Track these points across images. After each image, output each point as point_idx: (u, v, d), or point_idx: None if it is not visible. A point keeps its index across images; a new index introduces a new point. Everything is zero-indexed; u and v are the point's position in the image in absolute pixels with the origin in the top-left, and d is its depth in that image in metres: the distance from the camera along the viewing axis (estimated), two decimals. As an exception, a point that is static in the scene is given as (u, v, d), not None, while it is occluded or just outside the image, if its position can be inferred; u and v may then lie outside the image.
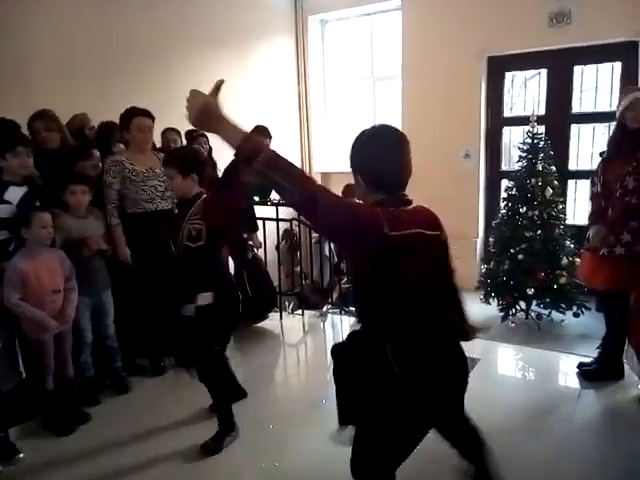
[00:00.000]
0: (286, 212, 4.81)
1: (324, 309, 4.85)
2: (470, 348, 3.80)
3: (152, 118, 3.40)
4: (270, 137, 4.40)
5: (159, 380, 3.45)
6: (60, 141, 3.31)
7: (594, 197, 3.27)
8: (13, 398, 2.77)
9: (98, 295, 3.15)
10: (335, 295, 5.11)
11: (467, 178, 5.90)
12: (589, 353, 3.50)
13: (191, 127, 4.57)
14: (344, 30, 7.06)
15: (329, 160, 7.14)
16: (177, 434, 2.82)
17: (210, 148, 4.28)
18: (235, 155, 1.47)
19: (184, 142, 4.15)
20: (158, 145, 3.99)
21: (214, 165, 4.27)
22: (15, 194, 2.81)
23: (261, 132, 4.32)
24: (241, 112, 5.85)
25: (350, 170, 1.70)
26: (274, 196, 4.67)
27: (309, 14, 6.87)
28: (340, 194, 4.55)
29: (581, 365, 3.39)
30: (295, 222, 4.87)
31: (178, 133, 4.07)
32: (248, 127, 4.65)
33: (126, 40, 4.67)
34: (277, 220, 4.63)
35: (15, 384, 2.88)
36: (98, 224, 3.19)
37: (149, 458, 2.62)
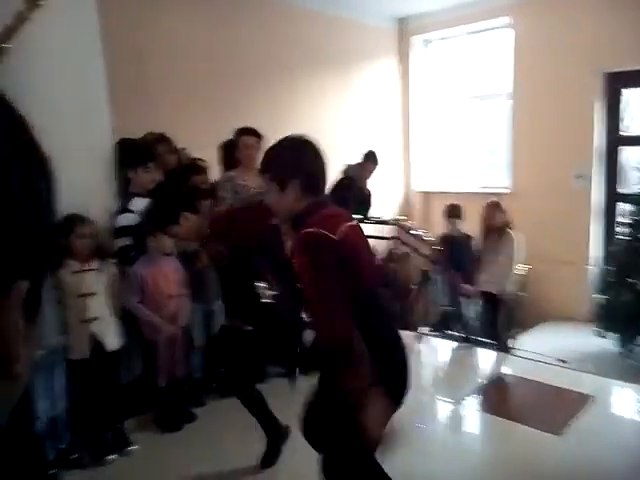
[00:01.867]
0: (386, 230, 4.81)
1: (422, 331, 4.74)
2: (582, 383, 3.56)
3: (259, 137, 3.52)
4: (377, 163, 4.44)
5: (262, 386, 3.52)
6: (176, 162, 3.56)
7: None
8: (130, 392, 2.98)
9: (209, 303, 3.32)
10: (434, 318, 4.98)
11: (578, 200, 5.56)
12: None
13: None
14: (448, 49, 6.99)
15: (429, 180, 7.07)
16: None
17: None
18: None
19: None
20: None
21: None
22: (139, 205, 3.05)
23: (372, 159, 4.39)
24: (343, 133, 6.05)
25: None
26: (371, 213, 4.70)
27: (412, 35, 6.90)
28: (444, 214, 4.40)
29: None
30: (396, 240, 4.84)
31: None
32: (354, 149, 4.72)
33: (236, 62, 4.97)
34: (376, 238, 4.63)
35: (132, 380, 3.10)
36: None
37: (249, 460, 2.68)
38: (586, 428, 2.96)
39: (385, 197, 6.19)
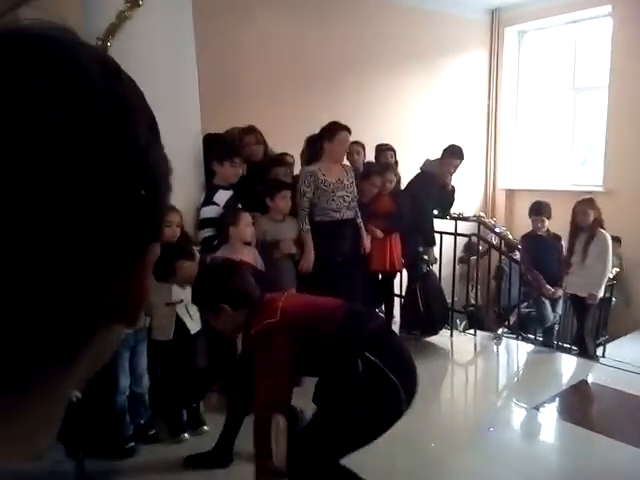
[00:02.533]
0: (465, 227, 4.68)
1: (500, 332, 4.59)
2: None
3: (350, 134, 3.59)
4: (462, 158, 4.33)
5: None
6: (263, 153, 3.69)
7: None
8: (206, 375, 3.16)
9: (285, 291, 3.41)
10: (513, 319, 4.80)
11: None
12: None
13: (381, 141, 4.59)
14: (543, 40, 6.66)
15: (515, 177, 6.79)
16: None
17: (396, 161, 4.37)
18: None
19: (367, 155, 4.29)
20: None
21: (398, 179, 4.35)
22: (222, 197, 3.20)
23: (454, 154, 4.29)
24: (428, 126, 5.97)
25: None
26: (454, 210, 4.59)
27: (506, 26, 6.64)
28: (528, 212, 4.20)
29: None
30: (474, 237, 4.70)
31: (362, 146, 4.23)
32: (438, 144, 4.61)
33: (321, 58, 5.05)
34: (455, 235, 4.52)
35: (207, 363, 3.27)
36: (292, 228, 3.44)
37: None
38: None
39: (468, 194, 6.02)
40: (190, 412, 2.94)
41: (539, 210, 4.20)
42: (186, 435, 2.84)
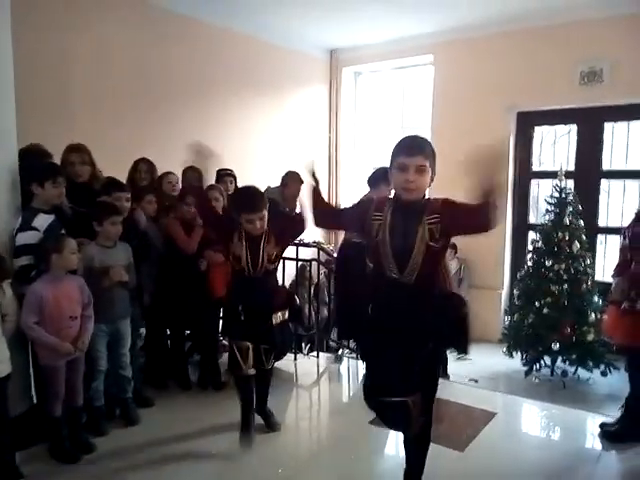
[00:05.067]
0: (305, 252, 4.83)
1: (340, 352, 4.77)
2: (489, 401, 3.68)
3: None
4: (302, 182, 4.47)
5: (167, 415, 3.41)
6: (90, 175, 3.44)
7: (621, 250, 3.23)
8: (22, 423, 2.78)
9: (116, 324, 3.17)
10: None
11: (493, 229, 5.85)
12: (615, 413, 3.32)
13: (222, 166, 4.60)
14: (376, 82, 7.28)
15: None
16: (179, 471, 2.76)
17: (237, 187, 4.37)
18: None
19: (205, 180, 4.23)
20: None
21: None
22: (43, 221, 2.90)
23: (289, 179, 4.42)
24: (272, 154, 6.08)
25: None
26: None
27: (344, 66, 7.13)
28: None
29: (603, 425, 3.20)
30: (315, 262, 4.87)
31: (199, 172, 4.18)
32: (279, 170, 4.77)
33: (164, 82, 4.93)
34: (297, 260, 4.66)
35: (26, 409, 2.90)
36: (123, 255, 3.23)
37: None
38: (487, 444, 3.06)
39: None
40: (3, 465, 2.56)
41: None
42: (-4, 490, 2.47)
